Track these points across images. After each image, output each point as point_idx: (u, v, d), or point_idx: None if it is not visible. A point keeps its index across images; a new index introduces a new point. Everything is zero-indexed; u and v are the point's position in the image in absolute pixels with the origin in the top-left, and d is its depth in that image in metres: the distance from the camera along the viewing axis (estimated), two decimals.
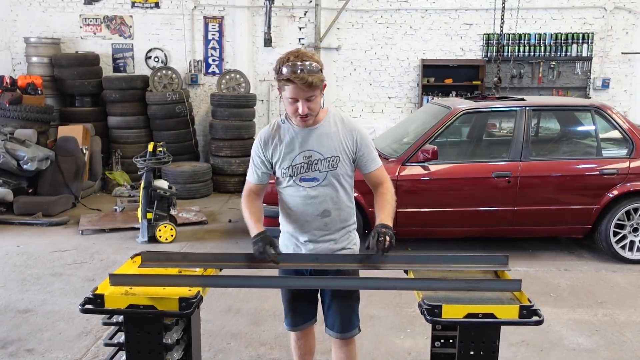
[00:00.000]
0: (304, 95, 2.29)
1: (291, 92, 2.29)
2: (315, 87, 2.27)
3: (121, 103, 8.75)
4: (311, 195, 2.52)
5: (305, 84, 2.24)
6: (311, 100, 2.31)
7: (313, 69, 2.25)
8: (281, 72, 2.27)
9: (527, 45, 9.16)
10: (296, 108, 2.33)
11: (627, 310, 4.36)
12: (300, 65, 2.23)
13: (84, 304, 2.19)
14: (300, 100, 2.30)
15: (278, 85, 2.33)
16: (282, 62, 2.28)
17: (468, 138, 6.41)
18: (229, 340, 3.82)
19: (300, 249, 2.64)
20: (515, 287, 2.26)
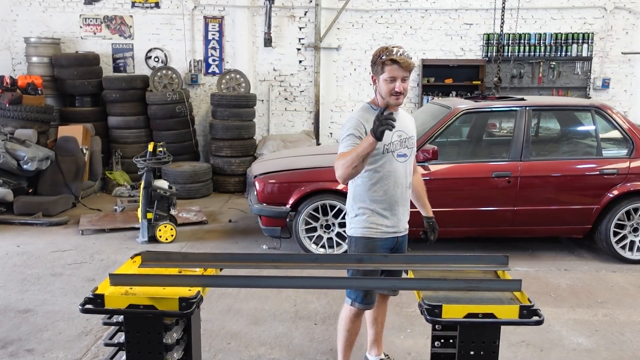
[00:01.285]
0: (401, 75, 2.82)
1: (392, 72, 2.80)
2: (411, 69, 2.83)
3: (121, 103, 8.75)
4: (403, 169, 2.98)
5: (405, 64, 2.79)
6: (405, 81, 2.85)
7: (409, 55, 2.86)
8: (384, 55, 2.81)
9: (527, 45, 9.16)
10: (394, 87, 2.82)
11: (627, 310, 4.37)
12: (402, 51, 2.83)
13: (84, 304, 2.19)
14: (398, 80, 2.82)
15: (374, 70, 2.88)
16: (382, 50, 2.85)
17: (468, 138, 6.41)
18: (229, 340, 3.82)
19: (387, 220, 2.97)
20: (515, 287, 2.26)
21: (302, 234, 5.45)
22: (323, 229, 5.48)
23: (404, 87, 2.84)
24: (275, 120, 9.60)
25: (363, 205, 2.94)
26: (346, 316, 3.04)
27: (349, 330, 3.06)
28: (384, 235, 2.95)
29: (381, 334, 3.35)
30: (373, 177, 2.92)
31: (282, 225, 5.52)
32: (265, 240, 6.03)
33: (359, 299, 2.94)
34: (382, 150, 2.88)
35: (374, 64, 2.87)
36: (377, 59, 2.85)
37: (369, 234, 2.93)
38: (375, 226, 2.93)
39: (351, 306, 2.98)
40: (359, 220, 2.95)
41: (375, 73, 2.88)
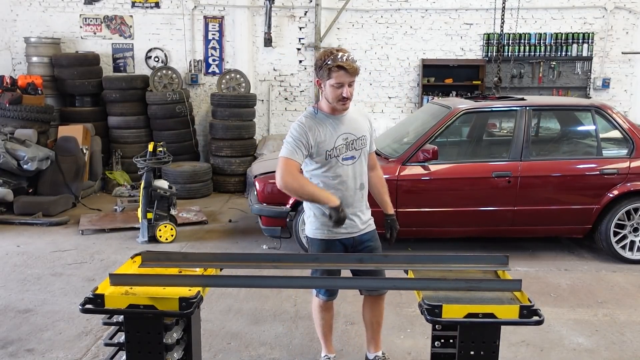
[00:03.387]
0: (348, 80, 2.78)
1: (339, 78, 2.75)
2: (357, 73, 2.80)
3: (121, 103, 8.75)
4: (352, 171, 2.96)
5: (351, 70, 2.74)
6: (351, 85, 2.81)
7: (354, 59, 2.80)
8: (330, 61, 2.74)
9: (527, 45, 9.15)
10: (341, 92, 2.80)
11: (627, 310, 4.36)
12: (347, 55, 2.77)
13: (84, 303, 2.19)
14: (345, 85, 2.78)
15: (319, 75, 2.81)
16: (328, 55, 2.77)
17: (468, 138, 6.41)
18: (229, 340, 3.82)
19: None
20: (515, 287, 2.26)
21: (302, 234, 5.45)
22: None
23: (350, 92, 2.82)
24: (275, 120, 9.60)
25: (314, 208, 3.00)
26: (314, 308, 3.21)
27: (320, 320, 3.22)
28: (335, 236, 2.97)
29: (378, 333, 3.34)
30: (320, 182, 2.96)
31: (282, 225, 5.52)
32: (265, 240, 6.03)
33: (321, 291, 3.07)
34: (325, 157, 2.90)
35: (319, 69, 2.81)
36: (322, 63, 2.78)
37: (320, 236, 2.99)
38: (326, 228, 2.96)
39: (316, 297, 3.13)
40: (311, 221, 3.03)
41: (320, 77, 2.83)
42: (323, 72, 2.78)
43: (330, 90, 2.82)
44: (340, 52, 2.76)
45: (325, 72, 2.77)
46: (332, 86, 2.79)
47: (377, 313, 3.26)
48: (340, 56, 2.74)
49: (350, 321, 4.10)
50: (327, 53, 2.79)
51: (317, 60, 2.83)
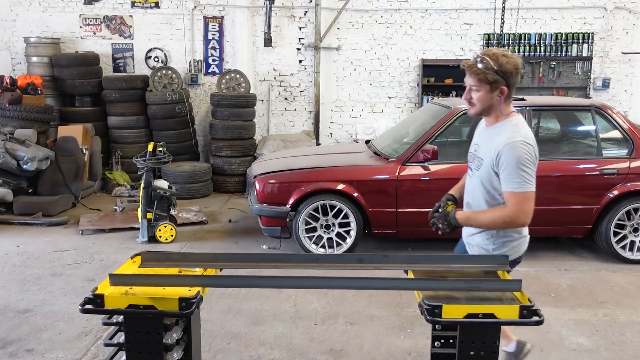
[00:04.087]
0: (470, 83, 2.57)
1: (466, 78, 2.60)
2: (478, 78, 2.51)
3: (121, 103, 8.75)
4: (468, 182, 2.80)
5: (469, 71, 2.54)
6: (475, 90, 2.56)
7: (484, 64, 2.49)
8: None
9: (527, 45, 9.15)
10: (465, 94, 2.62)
11: (628, 310, 4.36)
12: (476, 58, 2.54)
13: (84, 304, 2.19)
14: (467, 87, 2.60)
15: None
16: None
17: (468, 138, 6.39)
18: (229, 340, 3.82)
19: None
20: (515, 287, 2.25)
21: (302, 234, 5.45)
22: (323, 229, 5.48)
23: (472, 96, 2.62)
24: (275, 120, 9.60)
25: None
26: None
27: None
28: (464, 239, 2.92)
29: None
30: None
31: (282, 225, 5.52)
32: (265, 240, 6.03)
33: None
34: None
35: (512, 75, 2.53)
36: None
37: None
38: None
39: None
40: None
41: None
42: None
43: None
44: (479, 54, 2.57)
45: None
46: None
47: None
48: (472, 57, 2.60)
49: (350, 321, 4.10)
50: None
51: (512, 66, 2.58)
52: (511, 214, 2.53)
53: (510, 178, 2.48)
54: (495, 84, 2.49)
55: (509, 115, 2.60)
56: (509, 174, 2.48)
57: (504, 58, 2.48)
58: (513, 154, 2.46)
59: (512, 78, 2.51)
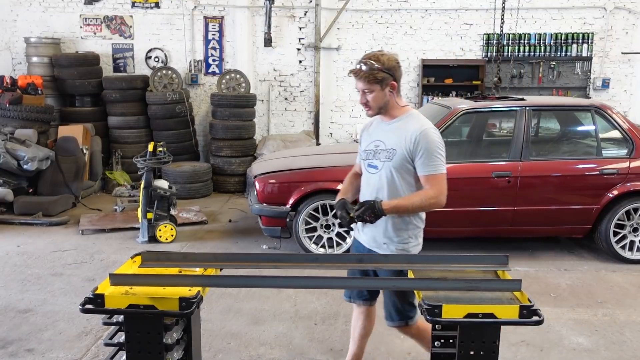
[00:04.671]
0: (361, 87, 2.68)
1: (356, 84, 2.72)
2: (368, 80, 2.63)
3: (121, 103, 8.75)
4: (370, 180, 2.81)
5: (358, 77, 2.66)
6: (368, 92, 2.67)
7: (368, 66, 2.62)
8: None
9: (527, 45, 9.16)
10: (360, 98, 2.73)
11: (627, 310, 4.37)
12: (359, 63, 2.66)
13: (84, 303, 2.19)
14: (360, 92, 2.71)
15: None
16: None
17: (468, 138, 6.41)
18: (229, 340, 3.82)
19: (359, 231, 2.90)
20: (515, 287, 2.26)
21: (302, 234, 5.45)
22: (323, 229, 5.48)
23: (368, 99, 2.71)
24: (275, 120, 9.60)
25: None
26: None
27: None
28: (361, 242, 2.92)
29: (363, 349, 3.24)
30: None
31: (282, 225, 5.52)
32: (265, 240, 6.03)
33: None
34: (361, 155, 2.91)
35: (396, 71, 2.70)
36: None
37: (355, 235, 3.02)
38: (357, 232, 2.97)
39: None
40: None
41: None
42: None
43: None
44: (364, 58, 2.69)
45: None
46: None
47: (373, 324, 3.17)
48: (358, 62, 2.69)
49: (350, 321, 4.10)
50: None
51: (395, 62, 2.73)
52: (435, 195, 2.65)
53: (429, 162, 2.66)
54: (385, 81, 2.64)
55: (405, 108, 2.80)
56: (427, 158, 2.65)
57: (384, 56, 2.65)
58: (428, 140, 2.67)
59: (397, 72, 2.68)
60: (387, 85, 2.66)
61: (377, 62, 2.62)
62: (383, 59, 2.64)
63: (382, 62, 2.63)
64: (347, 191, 3.00)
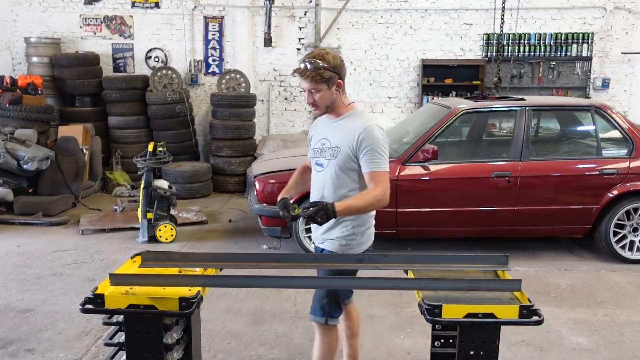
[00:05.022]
0: (307, 87, 2.60)
1: (301, 83, 2.65)
2: (315, 80, 2.56)
3: (121, 103, 8.75)
4: (317, 178, 2.79)
5: (304, 77, 2.57)
6: (315, 92, 2.60)
7: (314, 64, 2.54)
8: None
9: (527, 45, 9.16)
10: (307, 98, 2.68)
11: (627, 310, 4.37)
12: (304, 62, 2.57)
13: (84, 303, 2.19)
14: (306, 91, 2.64)
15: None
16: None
17: (468, 138, 6.41)
18: (229, 340, 3.82)
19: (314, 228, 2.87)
20: (515, 287, 2.26)
21: (302, 234, 5.45)
22: None
23: (314, 99, 2.64)
24: (275, 120, 9.60)
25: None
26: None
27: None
28: (316, 241, 2.88)
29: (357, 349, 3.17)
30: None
31: (282, 225, 5.52)
32: (265, 240, 6.03)
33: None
34: (310, 153, 2.87)
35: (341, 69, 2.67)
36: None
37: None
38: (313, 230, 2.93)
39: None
40: None
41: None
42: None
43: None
44: (307, 57, 2.61)
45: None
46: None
47: (356, 322, 3.08)
48: (302, 62, 2.61)
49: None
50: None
51: (339, 61, 2.71)
52: (382, 193, 2.60)
53: (373, 159, 2.60)
54: (331, 80, 2.59)
55: (350, 105, 2.74)
56: (371, 156, 2.60)
57: (329, 55, 2.60)
58: (373, 137, 2.60)
59: (342, 70, 2.64)
60: (334, 84, 2.61)
61: (322, 60, 2.56)
62: (328, 57, 2.59)
63: (328, 60, 2.57)
64: (290, 189, 2.95)
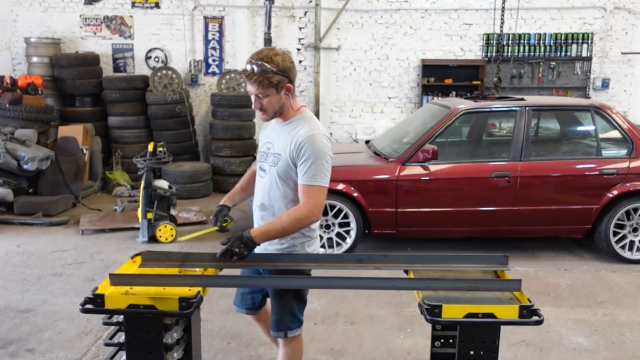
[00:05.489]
0: (254, 92, 2.43)
1: (247, 86, 2.48)
2: (263, 84, 2.38)
3: (121, 103, 8.75)
4: (259, 184, 2.66)
5: (250, 81, 2.39)
6: (262, 97, 2.43)
7: (261, 67, 2.35)
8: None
9: (527, 45, 9.16)
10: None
11: (627, 310, 4.37)
12: (251, 64, 2.37)
13: (84, 303, 2.19)
14: (253, 95, 2.47)
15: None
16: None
17: (468, 138, 6.41)
18: (229, 340, 3.82)
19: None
20: (515, 287, 2.26)
21: None
22: (323, 229, 5.48)
23: (262, 104, 2.46)
24: None
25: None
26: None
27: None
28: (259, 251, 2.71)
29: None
30: None
31: None
32: None
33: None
34: (257, 156, 2.74)
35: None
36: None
37: None
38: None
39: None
40: None
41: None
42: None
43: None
44: (253, 59, 2.39)
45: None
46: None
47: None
48: (248, 63, 2.39)
49: (350, 321, 4.11)
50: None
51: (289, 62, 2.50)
52: (307, 211, 2.41)
53: (309, 171, 2.42)
54: (280, 84, 2.41)
55: (299, 109, 2.57)
56: (308, 167, 2.42)
57: (278, 56, 2.39)
58: (314, 147, 2.42)
59: (292, 72, 2.46)
60: (283, 88, 2.43)
61: (270, 63, 2.36)
62: (277, 59, 2.38)
63: (277, 63, 2.37)
64: (234, 194, 2.82)
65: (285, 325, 2.64)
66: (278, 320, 2.63)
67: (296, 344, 2.73)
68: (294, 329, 2.66)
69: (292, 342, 2.70)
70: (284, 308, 2.62)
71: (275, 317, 2.65)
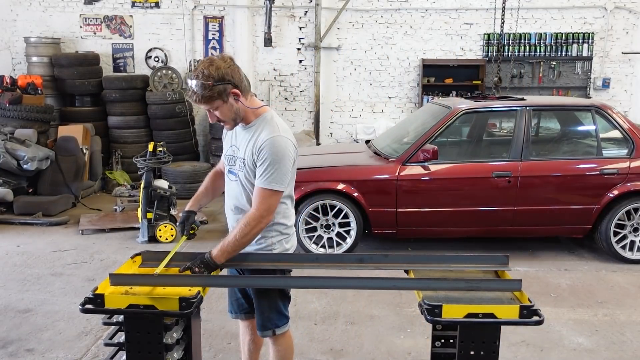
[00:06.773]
0: (203, 107, 2.40)
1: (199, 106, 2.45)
2: (206, 100, 2.34)
3: (121, 103, 8.75)
4: (230, 187, 2.63)
5: (192, 100, 2.38)
6: (213, 110, 2.40)
7: (199, 85, 2.31)
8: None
9: (527, 45, 9.16)
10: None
11: (627, 310, 4.36)
12: (190, 85, 2.35)
13: (84, 303, 2.19)
14: (205, 111, 2.45)
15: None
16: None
17: (468, 138, 6.41)
18: (229, 340, 3.82)
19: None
20: (515, 287, 2.26)
21: (302, 234, 5.45)
22: (323, 229, 5.48)
23: (217, 116, 2.43)
24: None
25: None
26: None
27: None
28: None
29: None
30: None
31: None
32: None
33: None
34: (224, 159, 2.70)
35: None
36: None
37: None
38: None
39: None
40: None
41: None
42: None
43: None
44: (190, 78, 2.36)
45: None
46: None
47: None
48: (187, 83, 2.37)
49: (350, 321, 4.11)
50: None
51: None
52: (258, 216, 2.40)
53: (265, 174, 2.39)
54: (224, 93, 2.34)
55: (259, 109, 2.50)
56: (264, 170, 2.39)
57: (212, 66, 2.32)
58: (272, 150, 2.38)
59: (234, 76, 2.37)
60: (229, 95, 2.36)
61: (205, 78, 2.30)
62: (211, 70, 2.31)
63: (211, 74, 2.30)
64: (199, 198, 2.78)
65: (272, 323, 2.64)
66: (265, 319, 2.64)
67: (286, 340, 2.73)
68: (281, 325, 2.67)
69: (281, 339, 2.71)
70: (270, 306, 2.63)
71: (261, 317, 2.65)
